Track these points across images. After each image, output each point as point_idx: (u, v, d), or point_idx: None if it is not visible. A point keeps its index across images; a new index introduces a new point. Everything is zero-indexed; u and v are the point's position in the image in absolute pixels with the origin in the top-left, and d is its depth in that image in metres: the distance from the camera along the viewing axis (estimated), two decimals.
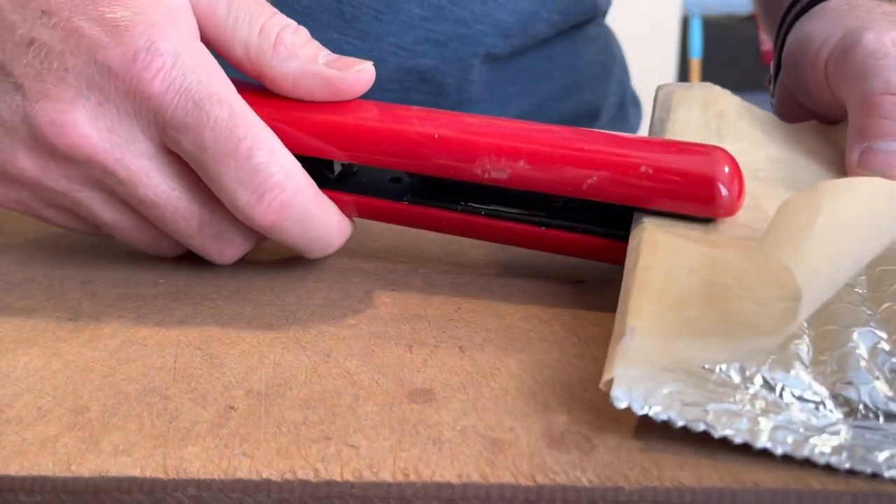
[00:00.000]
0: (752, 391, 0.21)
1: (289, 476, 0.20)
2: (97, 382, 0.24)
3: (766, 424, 0.20)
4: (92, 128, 0.27)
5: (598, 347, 0.25)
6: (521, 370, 0.24)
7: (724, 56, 2.21)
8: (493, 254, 0.34)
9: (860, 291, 0.25)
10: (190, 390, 0.23)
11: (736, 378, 0.21)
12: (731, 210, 0.26)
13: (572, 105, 0.56)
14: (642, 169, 0.26)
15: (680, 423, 0.20)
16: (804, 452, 0.19)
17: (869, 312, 0.24)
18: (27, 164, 0.28)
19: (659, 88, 0.38)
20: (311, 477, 0.20)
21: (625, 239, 0.28)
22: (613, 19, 0.64)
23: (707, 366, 0.21)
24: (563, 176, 0.27)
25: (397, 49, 0.47)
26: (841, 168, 0.32)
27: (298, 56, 0.29)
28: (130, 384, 0.24)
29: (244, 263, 0.33)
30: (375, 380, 0.24)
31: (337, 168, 0.31)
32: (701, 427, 0.20)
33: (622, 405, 0.20)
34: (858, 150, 0.31)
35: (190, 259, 0.33)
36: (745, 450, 0.20)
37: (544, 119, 0.54)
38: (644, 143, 0.28)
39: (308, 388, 0.23)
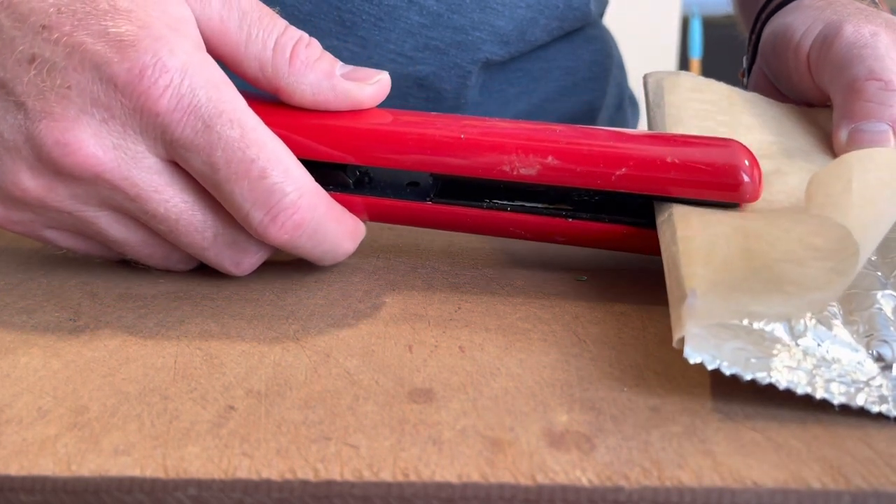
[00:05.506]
0: (801, 348, 0.23)
1: (289, 476, 0.20)
2: (97, 382, 0.24)
3: (821, 378, 0.22)
4: (98, 146, 0.26)
5: (598, 347, 0.26)
6: (521, 370, 0.24)
7: (724, 56, 2.21)
8: (493, 254, 0.34)
9: (873, 258, 0.27)
10: (190, 390, 0.23)
11: (786, 337, 0.23)
12: (754, 196, 0.28)
13: (570, 106, 0.56)
14: (669, 159, 0.28)
15: (748, 377, 0.21)
16: (858, 402, 0.21)
17: (884, 279, 0.26)
18: (31, 184, 0.27)
19: (647, 76, 0.39)
20: (310, 477, 0.20)
21: (648, 227, 0.29)
22: (613, 19, 0.64)
23: (760, 325, 0.23)
24: (593, 168, 0.28)
25: (396, 56, 0.47)
26: (827, 145, 0.35)
27: (315, 69, 0.29)
28: (130, 384, 0.24)
29: None
30: (375, 380, 0.24)
31: (354, 174, 0.31)
32: (767, 380, 0.21)
33: (695, 360, 0.21)
34: (846, 130, 0.33)
35: None
36: (745, 448, 0.20)
37: (542, 120, 0.54)
38: (665, 138, 0.29)
39: (308, 388, 0.23)
